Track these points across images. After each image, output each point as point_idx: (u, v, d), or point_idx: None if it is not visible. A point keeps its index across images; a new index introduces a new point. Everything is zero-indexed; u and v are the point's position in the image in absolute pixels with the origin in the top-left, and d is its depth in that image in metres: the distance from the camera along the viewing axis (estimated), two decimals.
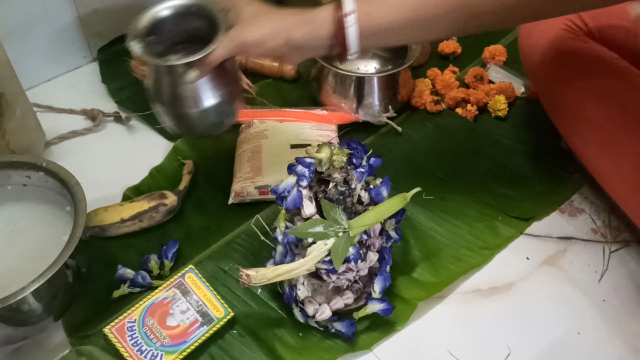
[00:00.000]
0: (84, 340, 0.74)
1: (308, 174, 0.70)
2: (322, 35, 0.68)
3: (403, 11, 0.67)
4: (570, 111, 0.84)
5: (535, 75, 0.92)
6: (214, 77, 0.73)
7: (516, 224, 0.87)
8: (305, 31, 0.68)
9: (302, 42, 0.69)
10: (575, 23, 0.86)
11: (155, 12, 0.74)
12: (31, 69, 1.04)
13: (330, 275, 0.71)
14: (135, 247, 0.84)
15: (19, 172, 0.78)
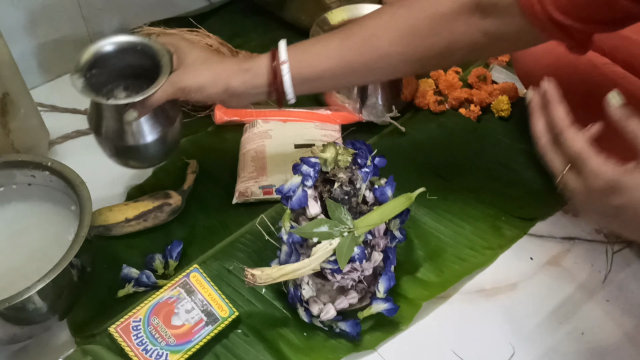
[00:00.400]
0: (89, 339, 0.74)
1: (313, 174, 0.70)
2: (259, 83, 0.72)
3: (334, 59, 0.70)
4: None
5: (527, 81, 0.93)
6: (153, 116, 0.75)
7: (520, 224, 0.87)
8: (243, 79, 0.71)
9: (241, 90, 0.72)
10: None
11: (100, 46, 0.75)
12: (35, 68, 1.05)
13: (335, 275, 0.71)
14: (139, 247, 0.84)
15: (23, 172, 0.78)
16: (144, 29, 0.99)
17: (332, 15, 1.03)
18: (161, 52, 0.74)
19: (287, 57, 0.71)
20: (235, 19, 1.21)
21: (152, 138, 0.76)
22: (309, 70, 0.71)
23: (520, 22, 0.64)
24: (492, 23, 0.66)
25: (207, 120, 1.00)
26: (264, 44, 1.14)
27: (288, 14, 1.17)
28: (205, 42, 0.97)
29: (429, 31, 0.68)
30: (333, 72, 0.71)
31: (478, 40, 0.68)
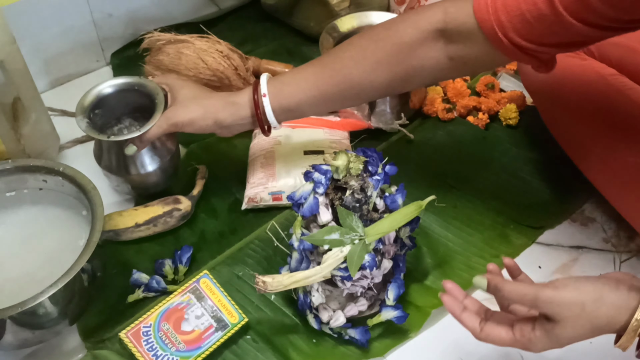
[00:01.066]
0: (99, 344, 0.74)
1: (324, 181, 0.71)
2: (244, 115, 0.79)
3: (310, 91, 0.76)
4: (569, 126, 0.86)
5: (534, 92, 0.94)
6: (152, 148, 0.84)
7: (528, 232, 0.87)
8: (230, 112, 0.79)
9: (229, 122, 0.79)
10: None
11: (100, 89, 0.85)
12: (45, 73, 1.05)
13: (345, 282, 0.71)
14: (149, 252, 0.84)
15: (36, 176, 0.78)
16: (155, 35, 0.99)
17: (341, 22, 1.03)
18: (156, 91, 0.84)
19: (267, 90, 0.77)
20: (244, 25, 1.21)
21: (152, 168, 0.85)
22: (288, 101, 0.77)
23: (484, 46, 0.67)
24: (457, 48, 0.70)
25: None
26: (273, 50, 1.16)
27: (297, 21, 1.17)
28: (216, 47, 0.97)
29: (396, 60, 0.73)
30: (311, 101, 0.77)
31: (444, 64, 0.72)
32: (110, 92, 0.85)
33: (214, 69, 0.96)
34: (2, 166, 0.77)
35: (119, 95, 0.86)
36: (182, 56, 0.97)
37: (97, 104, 0.84)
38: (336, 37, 1.02)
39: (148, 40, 0.99)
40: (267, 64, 1.08)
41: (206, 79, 0.96)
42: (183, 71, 0.97)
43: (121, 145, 0.82)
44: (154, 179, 0.87)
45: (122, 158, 0.83)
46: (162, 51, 0.99)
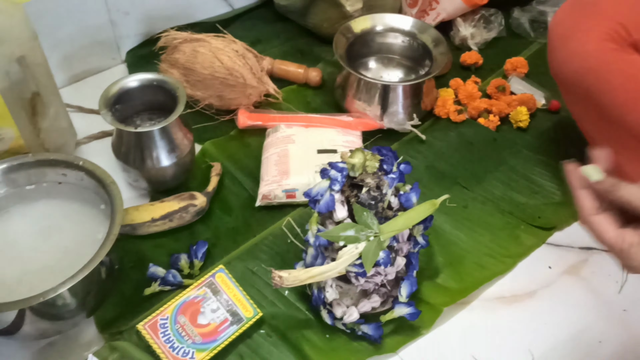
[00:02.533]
0: (116, 336, 0.75)
1: (341, 179, 0.72)
2: None
3: None
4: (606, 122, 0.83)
5: (568, 85, 0.88)
6: (168, 143, 0.86)
7: (538, 233, 0.89)
8: None
9: None
10: (619, 32, 0.82)
11: (123, 83, 0.88)
12: (62, 70, 1.06)
13: (359, 279, 0.72)
14: (164, 247, 0.85)
15: (55, 170, 0.79)
16: (171, 33, 1.00)
17: (355, 23, 1.04)
18: (176, 86, 0.87)
19: None
20: (258, 25, 1.23)
21: (169, 162, 0.86)
22: None
23: None
24: None
25: (230, 124, 1.02)
26: (286, 51, 1.17)
27: (310, 22, 1.19)
28: (232, 47, 0.99)
29: None
30: None
31: None
32: (133, 86, 0.88)
33: (229, 68, 0.97)
34: (23, 159, 0.79)
35: (138, 90, 0.88)
36: (198, 55, 0.98)
37: (118, 99, 0.86)
38: (350, 37, 1.03)
39: (164, 38, 1.01)
40: (281, 64, 1.09)
41: (221, 77, 0.97)
42: (198, 69, 0.98)
43: (140, 139, 0.84)
44: (170, 173, 0.88)
45: (140, 152, 0.85)
46: (178, 49, 1.00)
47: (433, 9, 1.16)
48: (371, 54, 1.10)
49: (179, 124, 0.87)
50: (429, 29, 1.04)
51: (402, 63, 1.10)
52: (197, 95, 1.00)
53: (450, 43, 1.17)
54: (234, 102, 1.01)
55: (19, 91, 0.83)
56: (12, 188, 0.79)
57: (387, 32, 1.07)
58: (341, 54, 0.99)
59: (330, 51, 1.14)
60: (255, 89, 1.00)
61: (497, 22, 1.18)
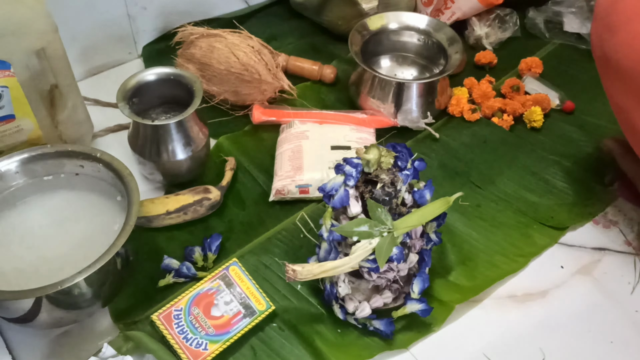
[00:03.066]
0: (130, 326, 0.76)
1: (355, 174, 0.72)
2: None
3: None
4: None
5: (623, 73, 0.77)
6: (184, 137, 0.87)
7: (551, 233, 0.89)
8: None
9: None
10: None
11: (141, 77, 0.89)
12: (79, 63, 1.07)
13: (372, 274, 0.73)
14: (178, 239, 0.86)
15: (73, 162, 0.80)
16: (188, 28, 1.01)
17: (371, 21, 1.05)
18: (193, 79, 0.88)
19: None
20: (273, 22, 1.23)
21: (184, 156, 0.87)
22: None
23: None
24: None
25: (245, 119, 1.02)
26: (300, 48, 1.18)
27: (325, 19, 1.19)
28: (247, 42, 0.99)
29: None
30: None
31: None
32: (150, 80, 0.89)
33: (245, 63, 0.98)
34: (42, 150, 0.80)
35: (156, 84, 0.89)
36: (214, 50, 0.99)
37: (135, 92, 0.88)
38: (366, 35, 1.04)
39: (181, 33, 1.02)
40: (295, 61, 1.10)
41: (237, 73, 0.98)
42: (214, 65, 0.99)
43: (157, 132, 0.85)
44: (185, 167, 0.89)
45: (157, 145, 0.86)
46: (195, 45, 1.01)
47: (448, 8, 1.16)
48: (385, 51, 1.10)
49: (194, 118, 0.88)
50: (444, 28, 1.04)
51: (417, 61, 1.10)
52: (212, 91, 1.01)
53: (465, 42, 1.18)
54: (248, 97, 1.01)
55: (38, 83, 0.84)
56: (30, 178, 0.80)
57: (402, 30, 1.07)
58: (356, 51, 1.00)
59: (345, 49, 1.14)
60: (270, 85, 1.01)
61: (512, 22, 1.18)
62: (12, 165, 0.78)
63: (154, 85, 0.89)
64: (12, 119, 0.83)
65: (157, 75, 0.89)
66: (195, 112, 0.86)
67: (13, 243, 0.77)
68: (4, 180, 0.79)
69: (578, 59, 1.16)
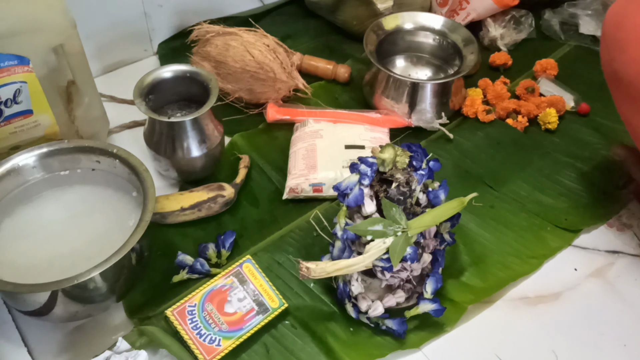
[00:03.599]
0: (144, 321, 0.76)
1: (370, 173, 0.73)
2: None
3: None
4: None
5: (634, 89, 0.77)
6: (199, 134, 0.87)
7: (564, 235, 0.88)
8: None
9: None
10: None
11: (157, 74, 0.89)
12: (96, 59, 1.08)
13: (385, 273, 0.73)
14: (192, 236, 0.87)
15: (89, 157, 0.81)
16: (204, 26, 1.02)
17: (386, 21, 1.05)
18: (209, 77, 0.88)
19: None
20: (287, 21, 1.24)
21: (199, 153, 0.88)
22: None
23: None
24: None
25: (259, 117, 1.03)
26: (314, 47, 1.18)
27: (339, 19, 1.19)
28: (263, 41, 1.00)
29: None
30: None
31: None
32: (166, 77, 0.89)
33: (260, 62, 0.98)
34: (59, 145, 0.80)
35: (172, 81, 0.90)
36: (230, 48, 0.99)
37: (152, 89, 0.88)
38: (381, 34, 1.04)
39: (197, 31, 1.02)
40: (310, 60, 1.10)
41: (252, 71, 0.99)
42: (230, 63, 0.99)
43: (172, 129, 0.85)
44: (200, 164, 0.90)
45: (172, 141, 0.86)
46: (210, 42, 1.01)
47: (463, 9, 1.16)
48: (400, 51, 1.10)
49: (210, 116, 0.88)
50: (459, 29, 1.04)
51: (431, 62, 1.10)
52: (227, 88, 1.02)
53: (479, 43, 1.17)
54: (263, 95, 1.02)
55: (55, 79, 0.85)
56: (47, 173, 0.81)
57: (417, 31, 1.07)
58: (371, 50, 1.00)
59: (359, 48, 1.14)
60: (284, 83, 1.01)
61: (527, 24, 1.18)
62: (30, 159, 0.79)
63: (170, 82, 0.90)
64: (30, 114, 0.84)
65: (173, 73, 0.90)
66: (211, 109, 0.86)
67: (29, 237, 0.78)
68: (22, 174, 0.79)
69: (593, 61, 1.15)
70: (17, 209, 0.79)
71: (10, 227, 0.78)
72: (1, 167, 0.78)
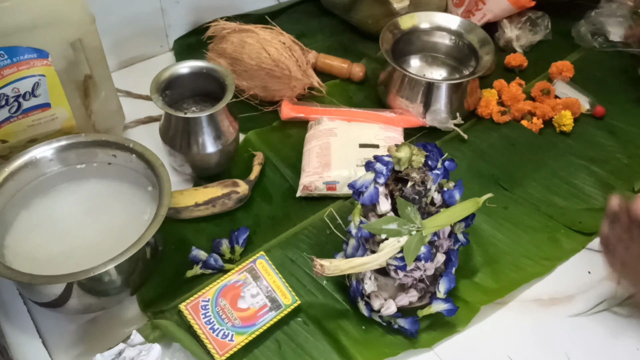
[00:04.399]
0: (158, 315, 0.77)
1: (385, 172, 0.73)
2: None
3: None
4: None
5: None
6: (214, 130, 0.87)
7: (578, 238, 0.88)
8: None
9: None
10: None
11: (174, 69, 0.90)
12: (112, 55, 1.09)
13: (399, 272, 0.73)
14: (206, 231, 0.87)
15: (106, 151, 0.82)
16: (220, 23, 1.02)
17: (402, 20, 1.05)
18: (225, 74, 0.89)
19: None
20: (302, 19, 1.24)
21: (213, 149, 0.88)
22: None
23: None
24: None
25: (273, 115, 1.03)
26: (329, 45, 1.18)
27: (354, 18, 1.19)
28: (279, 39, 1.00)
29: None
30: None
31: None
32: (183, 73, 0.90)
33: (276, 59, 0.98)
34: (76, 139, 0.81)
35: (188, 77, 0.90)
36: (246, 45, 0.99)
37: (168, 85, 0.89)
38: (397, 34, 1.04)
39: (213, 28, 1.03)
40: (325, 59, 1.10)
41: (267, 68, 0.99)
42: (245, 60, 1.00)
43: (188, 125, 0.86)
44: (214, 160, 0.90)
45: (187, 137, 0.87)
46: (226, 39, 1.02)
47: (479, 10, 1.15)
48: (416, 51, 1.10)
49: (225, 112, 0.89)
50: (476, 29, 1.04)
51: (446, 62, 1.10)
52: (242, 86, 1.02)
53: (495, 44, 1.17)
54: (278, 93, 1.02)
55: (73, 73, 0.85)
56: (64, 166, 0.82)
57: (433, 31, 1.07)
58: (387, 49, 1.00)
59: (374, 47, 1.15)
60: (300, 81, 1.01)
61: (544, 25, 1.18)
62: (48, 152, 0.80)
63: (187, 78, 0.90)
64: (48, 108, 0.85)
65: (190, 69, 0.90)
66: (226, 106, 0.87)
67: (45, 229, 0.78)
68: (39, 167, 0.80)
69: (609, 65, 1.15)
70: (33, 201, 0.80)
71: (27, 219, 0.78)
72: (19, 159, 0.78)
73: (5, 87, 0.80)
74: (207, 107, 0.87)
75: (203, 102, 0.95)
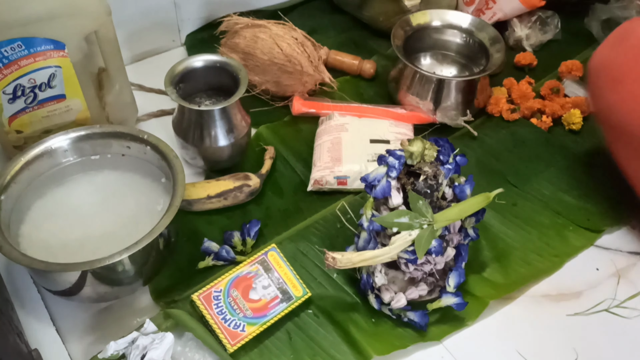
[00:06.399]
0: (170, 304, 0.78)
1: (398, 166, 0.73)
2: None
3: None
4: None
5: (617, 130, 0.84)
6: (227, 123, 0.88)
7: (587, 235, 0.89)
8: None
9: None
10: None
11: (188, 63, 0.91)
12: (125, 48, 1.09)
13: (409, 266, 0.73)
14: (217, 224, 0.88)
15: (120, 142, 0.82)
16: (233, 18, 1.03)
17: (414, 17, 1.05)
18: (239, 68, 0.89)
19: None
20: (314, 15, 1.24)
21: (225, 142, 0.89)
22: None
23: None
24: None
25: (285, 110, 1.04)
26: (340, 42, 1.19)
27: (366, 15, 1.20)
28: (291, 34, 1.01)
29: None
30: None
31: None
32: (197, 66, 0.91)
33: (288, 55, 0.99)
34: (91, 130, 0.82)
35: (202, 71, 0.91)
36: (258, 40, 1.00)
37: (182, 78, 0.89)
38: (408, 31, 1.04)
39: (226, 22, 1.04)
40: (336, 55, 1.11)
41: (280, 63, 1.00)
42: (258, 55, 1.00)
43: (201, 117, 0.87)
44: (226, 153, 0.91)
45: (200, 130, 0.88)
46: (239, 34, 1.02)
47: (489, 9, 1.16)
48: (426, 49, 1.11)
49: (238, 106, 0.89)
50: (487, 27, 1.05)
51: (457, 60, 1.10)
52: (254, 80, 1.03)
53: (505, 43, 1.17)
54: (289, 88, 1.03)
55: (88, 65, 0.86)
56: (78, 157, 0.83)
57: (444, 28, 1.08)
58: (398, 45, 1.00)
59: (384, 45, 1.15)
60: (311, 77, 1.02)
61: (554, 25, 1.18)
62: (64, 142, 0.81)
63: (200, 72, 0.91)
64: (63, 99, 0.86)
65: (204, 62, 0.91)
66: (239, 100, 0.88)
67: (60, 218, 0.79)
68: (55, 157, 0.81)
69: None
70: (48, 191, 0.81)
71: (42, 208, 0.79)
72: (35, 148, 0.79)
73: (21, 78, 0.81)
74: (220, 101, 0.88)
75: (216, 95, 0.96)
